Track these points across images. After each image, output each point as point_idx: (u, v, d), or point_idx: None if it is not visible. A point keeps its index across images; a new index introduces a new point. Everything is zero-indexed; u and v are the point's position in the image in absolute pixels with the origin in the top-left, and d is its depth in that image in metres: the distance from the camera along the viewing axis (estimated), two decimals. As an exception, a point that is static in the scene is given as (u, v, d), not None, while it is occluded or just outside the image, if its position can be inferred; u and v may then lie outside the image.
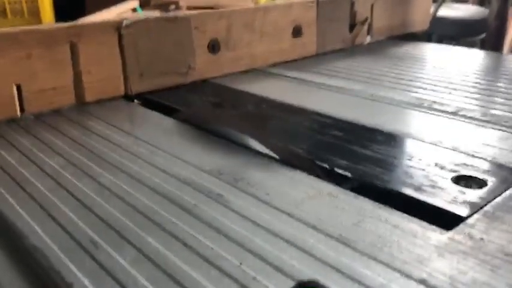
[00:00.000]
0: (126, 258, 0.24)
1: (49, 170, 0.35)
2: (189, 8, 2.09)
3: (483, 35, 1.63)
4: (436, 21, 1.83)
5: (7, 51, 0.44)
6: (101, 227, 0.27)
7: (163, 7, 2.13)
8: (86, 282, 0.23)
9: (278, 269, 0.23)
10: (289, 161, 0.36)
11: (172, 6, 2.18)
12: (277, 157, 0.37)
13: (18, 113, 0.46)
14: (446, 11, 1.92)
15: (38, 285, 0.24)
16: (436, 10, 1.84)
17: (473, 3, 2.24)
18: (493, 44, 0.85)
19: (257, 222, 0.27)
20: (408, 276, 0.23)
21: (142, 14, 1.84)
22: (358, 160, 0.36)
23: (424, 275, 0.23)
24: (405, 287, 0.22)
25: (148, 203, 0.30)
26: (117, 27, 0.51)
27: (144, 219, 0.28)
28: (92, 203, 0.30)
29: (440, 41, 2.00)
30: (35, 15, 2.00)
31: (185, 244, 0.25)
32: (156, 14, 1.93)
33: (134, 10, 2.07)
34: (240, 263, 0.24)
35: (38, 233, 0.27)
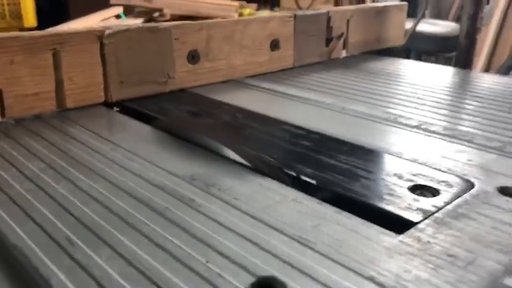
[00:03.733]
0: (101, 256, 0.26)
1: (29, 173, 0.37)
2: (172, 15, 2.11)
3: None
4: (415, 36, 1.89)
5: (-10, 57, 0.45)
6: (77, 227, 0.29)
7: (148, 14, 2.15)
8: (63, 277, 0.24)
9: (241, 266, 0.25)
10: (260, 168, 0.38)
11: (156, 14, 2.20)
12: (248, 165, 0.39)
13: (-1, 117, 0.47)
14: (425, 27, 1.98)
15: (17, 281, 0.25)
16: (415, 26, 1.90)
17: (453, 19, 2.32)
18: (463, 62, 0.89)
19: (225, 224, 0.29)
20: (359, 274, 0.25)
21: (125, 22, 1.85)
22: (323, 169, 0.38)
23: (373, 273, 0.25)
24: (355, 284, 0.24)
25: (123, 206, 0.32)
26: (99, 36, 0.52)
27: (119, 221, 0.30)
28: (69, 204, 0.32)
29: (419, 55, 2.07)
30: (17, 18, 2.00)
31: (156, 244, 0.27)
32: (139, 21, 1.94)
33: (118, 16, 2.08)
34: (207, 261, 0.26)
35: (17, 232, 0.28)
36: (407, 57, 1.99)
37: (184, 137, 0.44)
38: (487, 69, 1.99)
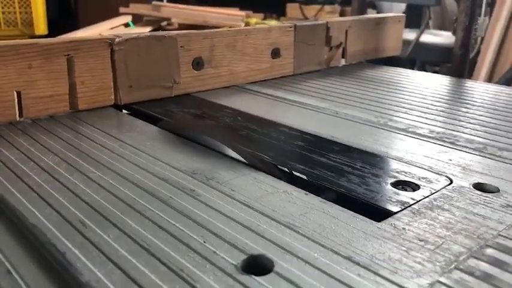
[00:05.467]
0: (109, 236, 0.30)
1: (45, 166, 0.40)
2: (180, 24, 2.16)
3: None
4: (419, 47, 1.92)
5: (10, 62, 0.49)
6: (89, 211, 0.32)
7: (156, 23, 2.19)
8: (77, 252, 0.28)
9: (234, 246, 0.29)
10: (255, 165, 0.41)
11: (165, 23, 2.24)
12: (245, 161, 0.42)
13: (17, 117, 0.51)
14: (429, 38, 2.02)
15: (37, 255, 0.29)
16: (418, 36, 1.94)
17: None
18: (458, 71, 0.92)
19: (221, 211, 0.33)
20: (337, 253, 0.28)
21: (134, 30, 1.90)
22: (314, 166, 0.41)
23: (350, 253, 0.28)
24: (333, 260, 0.27)
25: (130, 195, 0.35)
26: (110, 43, 0.56)
27: (126, 207, 0.33)
28: (81, 193, 0.35)
29: (423, 65, 2.10)
30: (29, 26, 2.06)
31: (160, 226, 0.31)
32: (147, 29, 1.98)
33: (127, 25, 2.13)
34: (204, 241, 0.29)
35: (36, 214, 0.32)
36: (412, 66, 2.03)
37: (187, 137, 0.48)
38: (489, 79, 2.01)
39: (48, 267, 0.27)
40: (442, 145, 0.47)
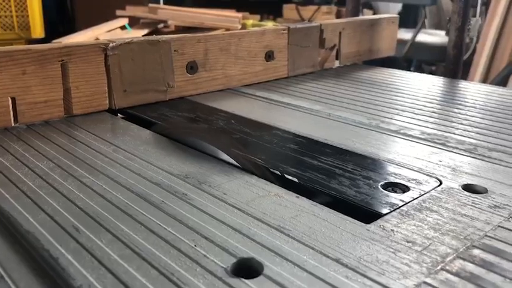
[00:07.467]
0: (102, 240, 0.30)
1: (39, 171, 0.41)
2: (177, 26, 2.16)
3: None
4: (415, 46, 1.93)
5: (5, 68, 0.49)
6: (82, 217, 0.33)
7: (152, 25, 2.20)
8: (70, 257, 0.28)
9: (225, 249, 0.29)
10: (248, 168, 0.42)
11: (161, 25, 2.25)
12: (238, 165, 0.42)
13: (12, 122, 0.51)
14: (425, 37, 2.03)
15: (30, 260, 0.29)
16: (414, 36, 1.95)
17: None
18: (452, 72, 0.92)
19: (212, 215, 0.33)
20: (326, 256, 0.29)
21: (130, 33, 1.90)
22: (306, 168, 0.42)
23: (339, 255, 0.29)
24: (322, 262, 0.28)
25: (123, 199, 0.35)
26: (104, 48, 0.57)
27: (119, 212, 0.34)
28: (75, 198, 0.36)
29: (419, 65, 2.10)
30: (25, 29, 2.07)
31: (151, 230, 0.31)
32: (144, 32, 1.98)
33: (123, 28, 2.14)
34: (195, 245, 0.29)
35: (30, 220, 0.32)
36: (409, 66, 2.03)
37: (181, 141, 0.48)
38: (485, 77, 2.02)
39: (42, 272, 0.28)
40: (433, 146, 0.48)
